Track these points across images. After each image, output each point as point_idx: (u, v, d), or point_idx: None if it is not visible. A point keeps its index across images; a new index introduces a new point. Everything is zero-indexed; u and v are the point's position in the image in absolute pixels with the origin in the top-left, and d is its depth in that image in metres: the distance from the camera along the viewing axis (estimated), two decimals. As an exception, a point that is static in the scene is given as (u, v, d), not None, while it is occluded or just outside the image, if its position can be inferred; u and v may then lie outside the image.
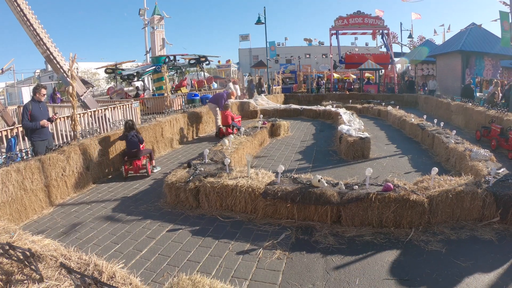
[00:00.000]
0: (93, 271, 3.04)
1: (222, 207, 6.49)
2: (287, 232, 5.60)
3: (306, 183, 6.19)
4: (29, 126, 8.03)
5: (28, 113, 8.01)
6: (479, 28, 24.64)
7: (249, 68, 57.83)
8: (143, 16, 33.89)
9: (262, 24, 29.15)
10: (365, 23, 31.17)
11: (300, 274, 4.53)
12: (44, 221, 6.56)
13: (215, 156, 8.28)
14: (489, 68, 25.09)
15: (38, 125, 8.04)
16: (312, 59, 57.78)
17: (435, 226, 5.65)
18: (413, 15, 42.68)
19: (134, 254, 5.13)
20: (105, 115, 11.49)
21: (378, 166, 9.37)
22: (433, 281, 4.30)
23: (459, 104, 16.89)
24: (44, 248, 3.40)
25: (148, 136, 10.85)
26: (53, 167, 7.39)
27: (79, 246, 5.30)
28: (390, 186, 5.80)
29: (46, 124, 8.24)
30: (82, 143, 8.46)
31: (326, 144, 12.48)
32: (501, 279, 4.31)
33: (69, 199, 7.69)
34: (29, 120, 8.03)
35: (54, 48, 13.37)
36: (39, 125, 8.05)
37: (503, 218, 5.68)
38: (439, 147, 10.32)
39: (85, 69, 50.89)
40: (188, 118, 14.17)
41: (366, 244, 5.22)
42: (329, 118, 18.74)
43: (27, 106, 8.15)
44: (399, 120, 15.86)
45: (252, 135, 11.26)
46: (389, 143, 12.61)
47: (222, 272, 4.57)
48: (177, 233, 5.76)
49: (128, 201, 7.37)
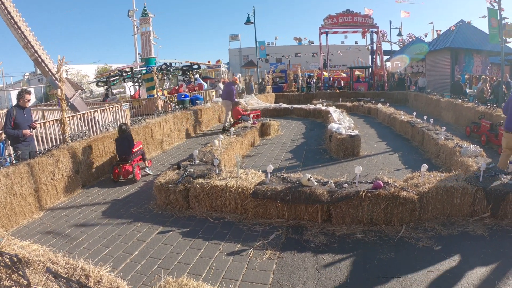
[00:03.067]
0: (80, 276, 3.04)
1: (212, 208, 6.47)
2: (278, 231, 5.59)
3: (296, 182, 6.19)
4: (11, 134, 7.82)
5: (11, 120, 7.79)
6: (468, 25, 24.83)
7: (239, 68, 57.83)
8: (132, 17, 33.78)
9: (251, 23, 29.20)
10: (355, 21, 31.16)
11: (291, 274, 4.52)
12: (34, 226, 6.49)
13: (205, 157, 8.24)
14: (478, 64, 25.28)
15: (21, 133, 7.82)
16: (302, 58, 57.87)
17: (426, 223, 5.67)
18: (402, 13, 42.86)
19: (124, 258, 5.09)
20: (94, 118, 11.40)
21: (368, 164, 9.39)
22: (425, 277, 4.31)
23: (449, 101, 17.01)
24: (32, 254, 3.38)
25: (138, 138, 10.80)
26: (42, 171, 7.31)
27: (69, 251, 5.26)
28: (380, 184, 5.81)
29: (29, 134, 8.02)
30: (71, 146, 8.38)
31: (316, 143, 12.49)
32: (493, 274, 4.34)
33: (59, 203, 7.60)
34: (12, 127, 7.83)
35: (42, 51, 13.23)
36: (21, 134, 7.83)
37: (494, 213, 5.72)
38: (429, 143, 10.36)
39: (75, 71, 50.62)
40: (178, 119, 14.10)
41: (357, 242, 5.23)
42: (319, 117, 18.77)
43: (11, 112, 7.88)
44: (389, 117, 15.92)
45: (242, 135, 11.25)
46: (379, 140, 12.65)
47: (212, 274, 4.55)
48: (167, 235, 5.73)
49: (118, 204, 7.32)
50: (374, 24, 31.49)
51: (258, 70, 35.15)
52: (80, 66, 52.68)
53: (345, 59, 54.16)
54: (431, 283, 4.19)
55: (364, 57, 50.73)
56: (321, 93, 28.12)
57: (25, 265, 3.13)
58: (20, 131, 7.86)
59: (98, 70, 54.87)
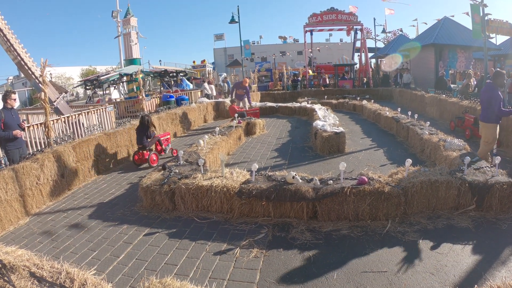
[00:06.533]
0: (65, 279, 3.04)
1: (198, 208, 6.45)
2: (264, 230, 5.61)
3: (281, 180, 6.20)
4: (2, 135, 7.85)
5: (1, 122, 7.82)
6: (452, 20, 25.06)
7: (224, 67, 57.72)
8: (116, 18, 33.57)
9: (236, 23, 29.10)
10: (339, 19, 31.29)
11: (277, 272, 4.53)
12: (20, 231, 6.42)
13: (190, 157, 8.23)
14: (462, 60, 25.52)
15: (11, 134, 7.87)
16: (287, 57, 57.96)
17: (411, 217, 5.72)
18: (387, 11, 43.13)
19: (111, 261, 5.06)
20: (79, 120, 11.31)
21: (353, 160, 9.46)
22: (412, 271, 4.35)
23: (433, 96, 17.17)
24: (18, 259, 3.36)
25: (123, 140, 10.76)
26: (27, 176, 7.23)
27: (56, 255, 5.21)
28: (365, 180, 5.85)
29: (19, 134, 8.06)
30: (56, 150, 8.32)
31: (302, 141, 12.54)
32: (479, 265, 4.40)
33: (45, 208, 7.53)
34: (2, 128, 7.85)
35: (24, 54, 13.10)
36: (12, 134, 7.88)
37: (479, 206, 5.79)
38: (413, 138, 10.46)
39: (59, 74, 50.19)
40: (163, 120, 14.06)
41: (343, 238, 5.26)
42: (304, 115, 18.83)
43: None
44: (374, 113, 16.03)
45: (227, 135, 11.24)
46: (364, 136, 12.74)
47: (199, 274, 4.54)
48: (154, 236, 5.71)
49: (105, 207, 7.28)
50: (359, 21, 31.70)
51: (243, 69, 35.11)
52: (65, 69, 52.28)
53: (330, 57, 54.32)
54: (418, 277, 4.23)
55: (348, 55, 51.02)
56: (307, 91, 28.16)
57: (10, 271, 3.12)
58: (10, 132, 7.90)
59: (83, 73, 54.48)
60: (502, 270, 4.26)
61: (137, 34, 31.87)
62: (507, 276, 4.10)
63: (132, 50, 31.62)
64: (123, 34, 31.61)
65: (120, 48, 33.89)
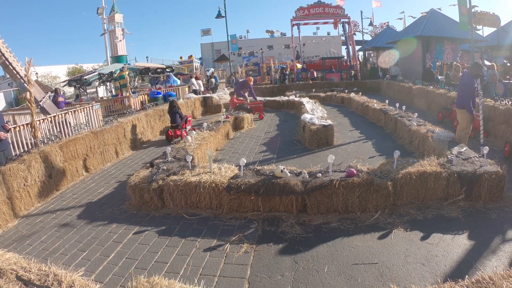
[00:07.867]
0: (53, 281, 3.01)
1: (188, 204, 6.42)
2: (254, 224, 5.60)
3: (269, 174, 6.20)
4: None
5: None
6: (439, 13, 25.14)
7: (211, 62, 57.50)
8: (102, 15, 33.21)
9: (222, 17, 29.06)
10: (326, 12, 31.29)
11: (268, 266, 4.53)
12: (9, 234, 6.31)
13: (178, 154, 8.19)
14: (449, 52, 25.61)
15: None
16: (275, 51, 57.89)
17: (401, 208, 5.77)
18: (374, 3, 43.38)
19: (101, 260, 5.01)
20: (66, 120, 11.19)
21: (342, 153, 9.48)
22: (402, 262, 4.38)
23: (421, 88, 17.31)
24: (5, 263, 3.31)
25: (111, 138, 10.68)
26: (14, 178, 7.11)
27: (45, 257, 5.15)
28: (353, 172, 5.87)
29: (3, 136, 7.91)
30: (43, 150, 8.20)
31: (290, 134, 12.56)
32: (470, 254, 4.44)
33: (33, 209, 7.43)
34: None
35: (9, 53, 12.89)
36: None
37: (468, 196, 5.85)
38: (402, 130, 10.51)
39: (45, 73, 49.66)
40: (150, 117, 14.00)
41: (333, 231, 5.28)
42: (292, 108, 18.91)
43: None
44: (362, 106, 16.10)
45: (215, 130, 11.20)
46: (353, 129, 12.79)
47: (190, 271, 4.52)
48: (143, 235, 5.67)
49: (93, 207, 7.21)
50: (346, 14, 31.76)
51: (230, 64, 35.03)
52: (51, 68, 51.72)
53: (317, 50, 54.37)
54: (409, 267, 4.26)
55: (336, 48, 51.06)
56: (295, 85, 28.14)
57: (-2, 275, 3.08)
58: None
59: (69, 71, 53.96)
60: (492, 259, 4.30)
61: (123, 30, 31.51)
62: (497, 265, 4.14)
63: (118, 47, 31.31)
64: (108, 31, 31.26)
65: (106, 46, 33.56)
